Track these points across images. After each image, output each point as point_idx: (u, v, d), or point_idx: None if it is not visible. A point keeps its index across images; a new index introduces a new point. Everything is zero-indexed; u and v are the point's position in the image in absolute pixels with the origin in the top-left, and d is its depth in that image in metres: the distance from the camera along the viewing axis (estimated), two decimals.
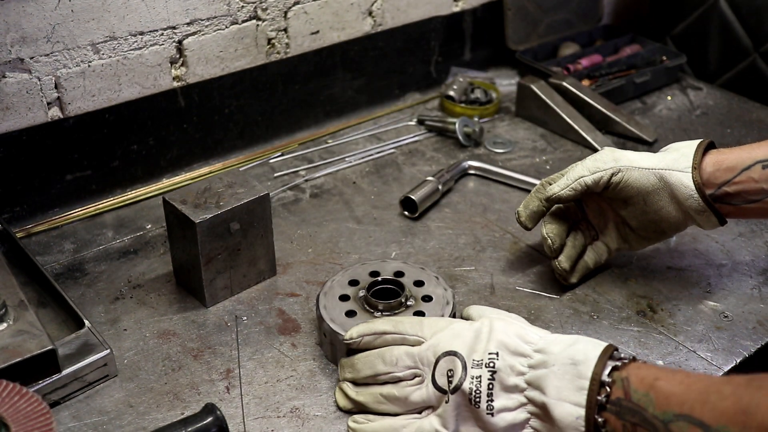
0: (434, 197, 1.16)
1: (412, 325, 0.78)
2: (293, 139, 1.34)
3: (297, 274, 1.03)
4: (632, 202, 0.95)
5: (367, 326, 0.80)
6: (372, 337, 0.79)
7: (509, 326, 0.75)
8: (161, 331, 0.94)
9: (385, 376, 0.78)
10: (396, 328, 0.79)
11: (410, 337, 0.78)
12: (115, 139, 1.16)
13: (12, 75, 1.03)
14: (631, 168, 0.93)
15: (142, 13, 1.10)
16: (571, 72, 1.48)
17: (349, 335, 0.80)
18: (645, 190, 0.93)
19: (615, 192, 0.95)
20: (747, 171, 0.90)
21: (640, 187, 0.93)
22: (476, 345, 0.74)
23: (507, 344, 0.73)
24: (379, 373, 0.78)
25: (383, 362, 0.78)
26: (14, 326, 0.82)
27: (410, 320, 0.80)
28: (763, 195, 0.89)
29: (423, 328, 0.78)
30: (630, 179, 0.93)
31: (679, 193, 0.92)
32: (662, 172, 0.92)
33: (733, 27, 1.53)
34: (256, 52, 1.24)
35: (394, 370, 0.77)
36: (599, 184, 0.94)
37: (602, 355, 0.69)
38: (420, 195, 1.14)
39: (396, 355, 0.77)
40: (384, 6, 1.36)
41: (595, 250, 1.01)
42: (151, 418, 0.82)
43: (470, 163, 1.25)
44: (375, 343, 0.79)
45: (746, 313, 0.97)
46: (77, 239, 1.10)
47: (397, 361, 0.77)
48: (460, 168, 1.24)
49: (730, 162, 0.91)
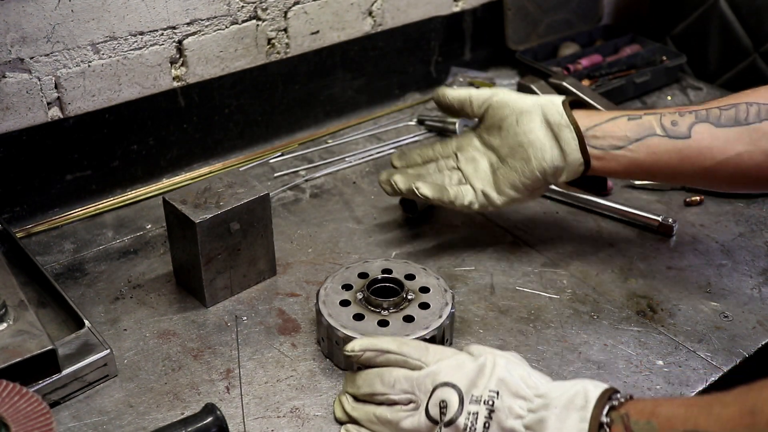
0: None
1: (417, 349, 0.77)
2: (293, 139, 1.34)
3: (297, 274, 1.03)
4: (505, 124, 0.98)
5: (370, 341, 0.78)
6: (374, 354, 0.77)
7: (513, 366, 0.73)
8: (161, 331, 0.94)
9: (381, 397, 0.76)
10: (400, 349, 0.77)
11: (412, 360, 0.76)
12: (115, 139, 1.16)
13: (12, 75, 1.03)
14: (508, 91, 1.01)
15: (142, 13, 1.10)
16: (571, 72, 1.48)
17: (351, 348, 0.78)
18: (519, 109, 0.97)
19: (492, 112, 0.99)
20: (614, 120, 0.95)
21: (514, 106, 0.98)
22: (477, 380, 0.72)
23: (509, 384, 0.71)
24: (376, 392, 0.76)
25: (381, 382, 0.76)
26: (14, 326, 0.82)
27: (416, 344, 0.78)
28: (626, 142, 0.93)
29: (428, 354, 0.76)
30: (507, 99, 0.99)
31: (549, 112, 0.96)
32: (537, 98, 0.98)
33: (733, 27, 1.53)
34: (256, 52, 1.24)
35: (391, 392, 0.75)
36: (480, 99, 1.00)
37: (601, 396, 0.68)
38: None
39: (394, 377, 0.75)
40: (384, 6, 1.35)
41: (458, 188, 1.01)
42: (151, 418, 0.82)
43: None
44: (376, 361, 0.77)
45: (746, 313, 0.97)
46: (77, 239, 1.10)
47: (394, 383, 0.75)
48: None
49: (599, 114, 0.97)
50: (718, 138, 0.89)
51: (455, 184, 1.02)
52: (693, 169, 0.91)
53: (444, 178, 1.03)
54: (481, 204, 1.00)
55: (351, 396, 0.80)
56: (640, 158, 0.92)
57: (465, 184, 1.01)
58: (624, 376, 0.88)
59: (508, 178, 0.98)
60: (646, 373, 0.88)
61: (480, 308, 0.98)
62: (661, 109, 0.95)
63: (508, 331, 0.94)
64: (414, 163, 1.06)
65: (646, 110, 0.95)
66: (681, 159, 0.91)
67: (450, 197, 0.99)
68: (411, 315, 0.87)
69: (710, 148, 0.90)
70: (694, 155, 0.90)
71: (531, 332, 0.94)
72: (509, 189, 0.99)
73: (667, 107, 0.95)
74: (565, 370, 0.88)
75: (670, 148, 0.91)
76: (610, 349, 0.92)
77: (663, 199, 1.18)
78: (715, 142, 0.89)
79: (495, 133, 1.00)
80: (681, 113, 0.92)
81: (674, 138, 0.91)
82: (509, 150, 0.98)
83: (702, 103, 0.94)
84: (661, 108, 0.95)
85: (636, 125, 0.93)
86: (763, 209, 1.16)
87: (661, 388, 0.86)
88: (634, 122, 0.93)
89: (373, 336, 0.81)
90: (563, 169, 0.96)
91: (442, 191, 0.99)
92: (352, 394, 0.80)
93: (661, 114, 0.93)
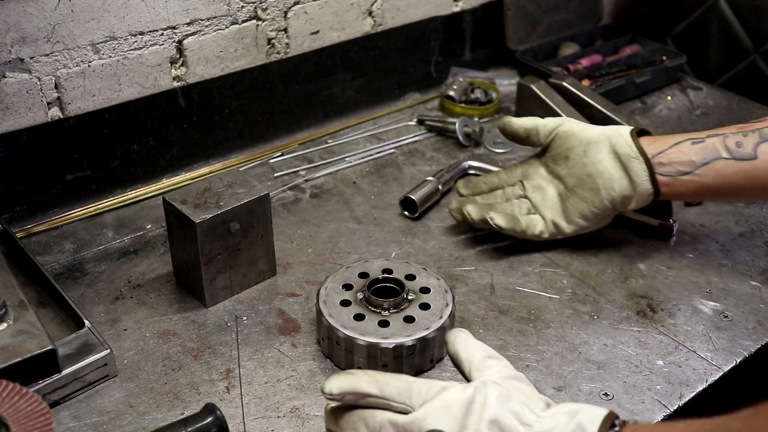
0: (434, 197, 1.16)
1: (399, 391, 0.70)
2: (293, 139, 1.34)
3: (297, 274, 1.03)
4: (573, 154, 1.00)
5: (348, 383, 0.70)
6: (354, 397, 0.71)
7: (505, 400, 0.68)
8: (161, 331, 0.94)
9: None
10: (382, 392, 0.70)
11: (396, 404, 0.70)
12: (115, 139, 1.16)
13: (12, 75, 1.03)
14: (575, 122, 1.03)
15: (142, 13, 1.10)
16: (571, 72, 1.48)
17: (329, 390, 0.70)
18: (586, 139, 1.00)
19: (558, 142, 1.02)
20: (678, 145, 0.96)
21: (581, 137, 1.00)
22: (467, 421, 0.67)
23: (502, 425, 0.66)
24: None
25: (365, 427, 0.71)
26: (14, 326, 0.82)
27: (397, 384, 0.71)
28: (693, 167, 0.95)
29: (411, 395, 0.70)
30: (574, 129, 1.01)
31: (617, 143, 0.98)
32: (604, 128, 1.00)
33: (733, 27, 1.53)
34: (256, 52, 1.24)
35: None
36: (547, 129, 1.03)
37: (601, 427, 0.64)
38: (420, 195, 1.14)
39: (379, 422, 0.70)
40: (384, 6, 1.35)
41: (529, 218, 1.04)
42: (151, 418, 0.82)
43: (470, 163, 1.25)
44: (358, 403, 0.71)
45: (746, 313, 0.97)
46: (77, 239, 1.10)
47: (380, 429, 0.70)
48: (460, 168, 1.24)
49: (662, 139, 0.98)
50: None
51: (524, 213, 1.05)
52: (762, 188, 0.93)
53: (512, 206, 1.06)
54: (551, 233, 1.04)
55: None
56: (708, 182, 0.94)
57: (534, 213, 1.04)
58: (624, 376, 0.88)
59: (577, 208, 1.01)
60: (646, 373, 0.88)
61: (480, 308, 0.98)
62: (723, 129, 0.96)
63: (508, 331, 0.94)
64: (480, 190, 1.10)
65: (708, 132, 0.97)
66: (749, 180, 0.93)
67: (522, 227, 1.03)
68: (411, 315, 0.87)
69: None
70: (762, 175, 0.93)
71: (531, 332, 0.94)
72: (579, 218, 1.02)
73: (729, 126, 0.97)
74: (565, 370, 0.88)
75: (737, 170, 0.93)
76: (610, 349, 0.92)
77: None
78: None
79: (562, 162, 1.02)
80: (744, 133, 0.94)
81: (740, 160, 0.93)
82: (577, 180, 1.00)
83: (763, 119, 0.95)
84: (723, 128, 0.96)
85: (701, 149, 0.95)
86: (763, 209, 1.16)
87: (661, 388, 0.86)
88: (698, 146, 0.95)
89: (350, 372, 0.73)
90: (632, 198, 0.98)
91: (515, 222, 1.02)
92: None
93: (724, 135, 0.95)
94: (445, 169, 1.21)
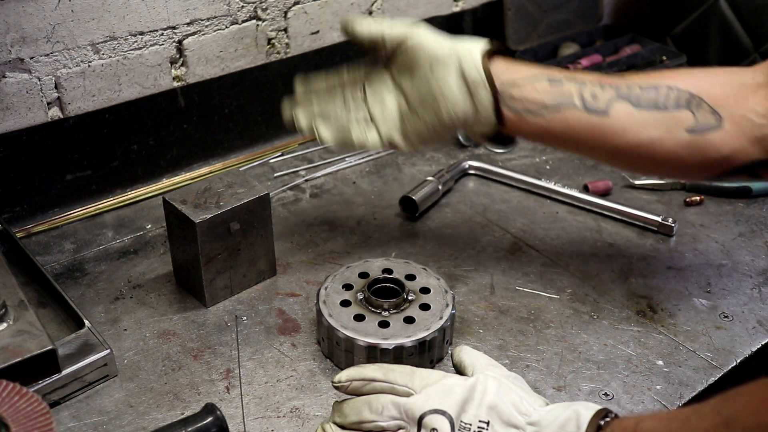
0: (434, 197, 1.16)
1: (403, 375, 0.75)
2: (293, 139, 1.34)
3: (297, 274, 1.03)
4: (418, 70, 0.91)
5: (356, 371, 0.76)
6: (360, 383, 0.76)
7: (505, 391, 0.71)
8: (161, 331, 0.94)
9: (369, 425, 0.74)
10: (386, 376, 0.75)
11: (399, 387, 0.74)
12: (115, 139, 1.16)
13: (12, 75, 1.03)
14: (426, 33, 0.91)
15: (142, 13, 1.10)
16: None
17: (338, 378, 0.76)
18: (435, 55, 0.90)
19: (405, 54, 0.91)
20: (535, 82, 0.88)
21: (430, 52, 0.90)
22: (467, 405, 0.70)
23: (500, 413, 0.70)
24: (365, 420, 0.74)
25: (369, 410, 0.74)
26: (14, 326, 0.82)
27: (401, 369, 0.76)
28: (542, 109, 0.88)
29: (414, 379, 0.74)
30: (423, 42, 0.90)
31: (466, 65, 0.88)
32: (455, 45, 0.90)
33: (733, 27, 1.53)
34: (256, 52, 1.24)
35: (379, 419, 0.73)
36: (393, 37, 0.91)
37: (592, 420, 0.67)
38: (420, 195, 1.14)
39: (382, 404, 0.73)
40: (384, 6, 1.35)
41: (361, 131, 0.94)
42: (151, 418, 0.82)
43: (470, 163, 1.25)
44: (363, 390, 0.76)
45: (746, 313, 0.97)
46: (77, 239, 1.10)
47: (382, 410, 0.73)
48: (460, 168, 1.24)
49: (520, 68, 0.90)
50: (634, 120, 0.85)
51: (361, 120, 0.95)
52: (604, 148, 0.88)
53: (349, 113, 0.95)
54: (386, 147, 0.95)
55: (337, 426, 0.77)
56: (553, 128, 0.88)
57: (370, 124, 0.95)
58: (624, 376, 0.88)
59: (416, 127, 0.92)
60: (646, 373, 0.88)
61: (480, 308, 0.98)
62: (583, 75, 0.89)
63: (508, 331, 0.94)
64: (318, 88, 0.98)
65: (571, 73, 0.90)
66: (594, 135, 0.87)
67: (352, 140, 0.94)
68: (412, 316, 0.87)
69: (624, 130, 0.86)
70: (608, 134, 0.86)
71: (531, 332, 0.94)
72: (415, 138, 0.93)
73: (591, 73, 0.90)
74: (565, 370, 0.88)
75: (584, 123, 0.87)
76: (610, 349, 0.92)
77: (663, 199, 1.18)
78: (630, 124, 0.85)
79: (407, 75, 0.93)
80: (602, 85, 0.87)
81: (591, 112, 0.86)
82: (419, 97, 0.91)
83: (623, 76, 0.89)
84: (588, 73, 0.89)
85: (556, 92, 0.87)
86: (763, 209, 1.16)
87: (661, 388, 0.86)
88: (554, 88, 0.88)
89: (360, 364, 0.80)
90: (473, 125, 0.91)
91: (344, 133, 0.94)
92: (339, 424, 0.76)
93: (582, 83, 0.88)
94: (445, 169, 1.21)
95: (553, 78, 0.89)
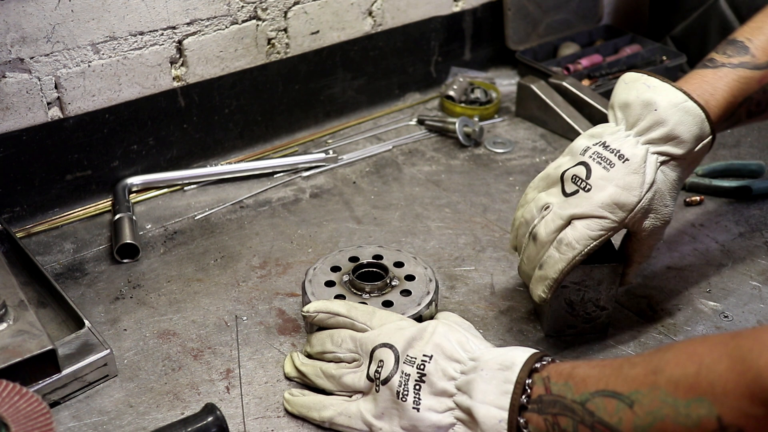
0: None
1: (364, 314, 0.83)
2: (293, 139, 1.34)
3: (297, 274, 1.03)
4: None
5: (324, 304, 0.84)
6: (326, 316, 0.84)
7: (452, 332, 0.77)
8: (161, 331, 0.94)
9: (330, 355, 0.82)
10: (349, 313, 0.83)
11: (358, 324, 0.82)
12: (115, 139, 1.16)
13: (12, 75, 1.03)
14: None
15: (142, 13, 1.10)
16: (571, 72, 1.48)
17: (307, 309, 0.84)
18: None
19: None
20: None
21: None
22: (414, 342, 0.76)
23: (444, 348, 0.75)
24: (326, 351, 0.82)
25: (331, 342, 0.82)
26: (14, 326, 0.82)
27: (364, 308, 0.83)
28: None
29: (373, 318, 0.82)
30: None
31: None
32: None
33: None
34: (256, 52, 1.24)
35: (338, 351, 0.81)
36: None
37: (529, 359, 0.71)
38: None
39: (342, 337, 0.82)
40: (384, 6, 1.35)
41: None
42: (151, 418, 0.82)
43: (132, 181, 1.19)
44: (328, 322, 0.84)
45: (746, 313, 0.97)
46: (77, 239, 1.10)
47: (341, 343, 0.81)
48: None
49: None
50: None
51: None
52: None
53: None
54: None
55: (305, 356, 0.86)
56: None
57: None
58: None
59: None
60: None
61: (480, 308, 0.98)
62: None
63: (508, 331, 0.94)
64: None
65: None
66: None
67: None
68: (390, 300, 0.90)
69: None
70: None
71: (531, 332, 0.94)
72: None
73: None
74: None
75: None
76: (610, 349, 0.92)
77: None
78: None
79: None
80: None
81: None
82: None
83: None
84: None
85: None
86: (763, 209, 1.16)
87: None
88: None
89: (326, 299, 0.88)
90: None
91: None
92: (307, 354, 0.86)
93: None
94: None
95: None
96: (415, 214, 1.15)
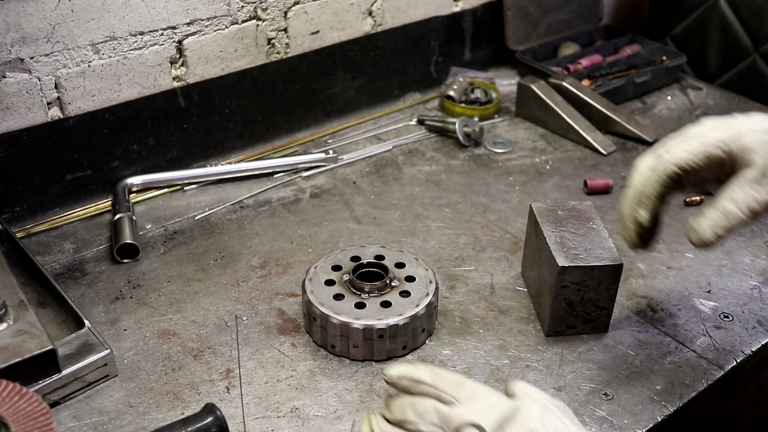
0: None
1: (451, 384, 0.75)
2: (293, 139, 1.34)
3: (297, 274, 1.03)
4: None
5: (408, 369, 0.76)
6: (409, 383, 0.75)
7: (549, 416, 0.70)
8: (161, 331, 0.94)
9: (410, 425, 0.74)
10: (435, 382, 0.75)
11: (445, 395, 0.74)
12: (115, 139, 1.16)
13: (12, 75, 1.03)
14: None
15: (142, 13, 1.10)
16: (571, 72, 1.48)
17: (389, 375, 0.76)
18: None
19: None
20: None
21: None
22: (506, 425, 0.69)
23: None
24: (407, 420, 0.75)
25: (413, 412, 0.74)
26: (14, 326, 0.82)
27: (451, 377, 0.75)
28: None
29: (462, 389, 0.74)
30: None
31: None
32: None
33: (733, 27, 1.53)
34: (256, 52, 1.24)
35: (420, 423, 0.74)
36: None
37: None
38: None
39: (425, 408, 0.74)
40: (384, 6, 1.35)
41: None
42: (151, 418, 0.82)
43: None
44: (412, 390, 0.76)
45: (746, 313, 0.97)
46: (77, 239, 1.10)
47: (424, 414, 0.74)
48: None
49: None
50: None
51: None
52: None
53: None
54: None
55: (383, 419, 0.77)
56: None
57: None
58: (624, 376, 0.88)
59: None
60: (646, 373, 0.88)
61: (480, 308, 0.98)
62: None
63: (508, 331, 0.94)
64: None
65: None
66: None
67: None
68: (389, 301, 0.89)
69: None
70: None
71: (531, 332, 0.94)
72: None
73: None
74: (565, 370, 0.88)
75: None
76: (610, 349, 0.92)
77: None
78: None
79: None
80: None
81: None
82: None
83: None
84: None
85: None
86: None
87: (661, 388, 0.86)
88: None
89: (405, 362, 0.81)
90: None
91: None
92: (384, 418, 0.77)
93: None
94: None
95: None
96: (415, 214, 1.15)
